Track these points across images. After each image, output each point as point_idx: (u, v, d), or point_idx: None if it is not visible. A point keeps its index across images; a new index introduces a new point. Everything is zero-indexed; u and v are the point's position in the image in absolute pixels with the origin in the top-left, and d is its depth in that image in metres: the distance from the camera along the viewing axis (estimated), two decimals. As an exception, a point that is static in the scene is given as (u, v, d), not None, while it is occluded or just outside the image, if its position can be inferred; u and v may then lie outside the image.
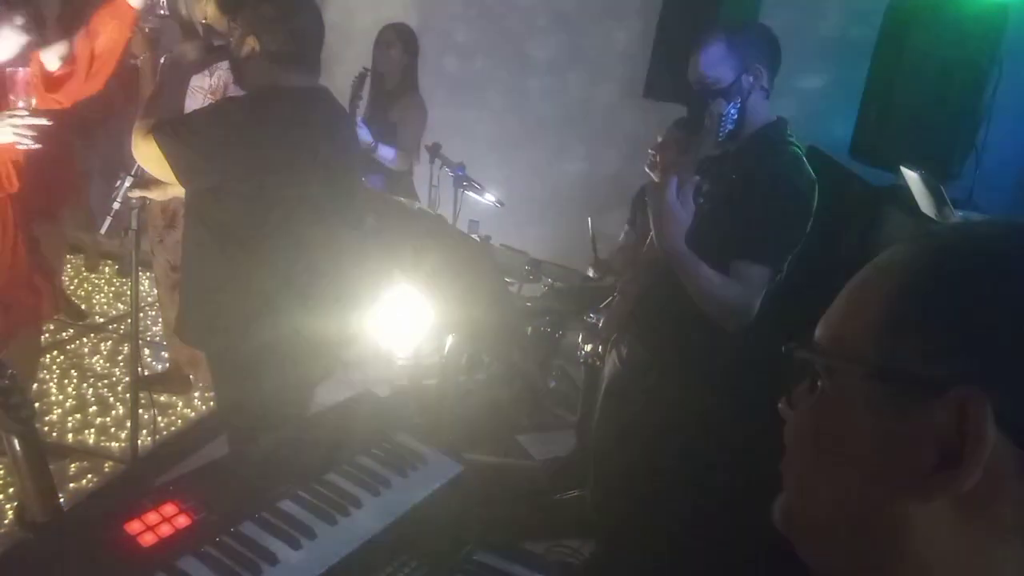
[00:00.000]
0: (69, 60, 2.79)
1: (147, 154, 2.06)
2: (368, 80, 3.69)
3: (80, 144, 4.14)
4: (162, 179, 2.17)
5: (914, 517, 0.53)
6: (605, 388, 2.35)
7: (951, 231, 0.59)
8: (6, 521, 2.73)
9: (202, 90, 3.13)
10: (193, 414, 3.55)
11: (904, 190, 3.08)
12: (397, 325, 4.13)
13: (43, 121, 2.59)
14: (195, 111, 2.24)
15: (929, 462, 0.51)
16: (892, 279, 0.56)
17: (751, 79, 2.01)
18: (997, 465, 0.49)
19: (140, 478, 2.85)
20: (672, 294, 2.00)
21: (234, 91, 2.61)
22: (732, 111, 1.95)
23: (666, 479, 2.10)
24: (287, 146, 2.09)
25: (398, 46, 3.77)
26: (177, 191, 2.48)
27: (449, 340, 2.84)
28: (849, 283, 0.61)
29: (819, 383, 0.60)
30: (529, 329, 3.51)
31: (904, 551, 0.53)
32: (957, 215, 2.73)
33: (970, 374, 0.50)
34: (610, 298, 2.40)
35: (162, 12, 3.19)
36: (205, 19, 2.93)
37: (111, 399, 3.56)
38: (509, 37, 4.65)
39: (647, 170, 3.30)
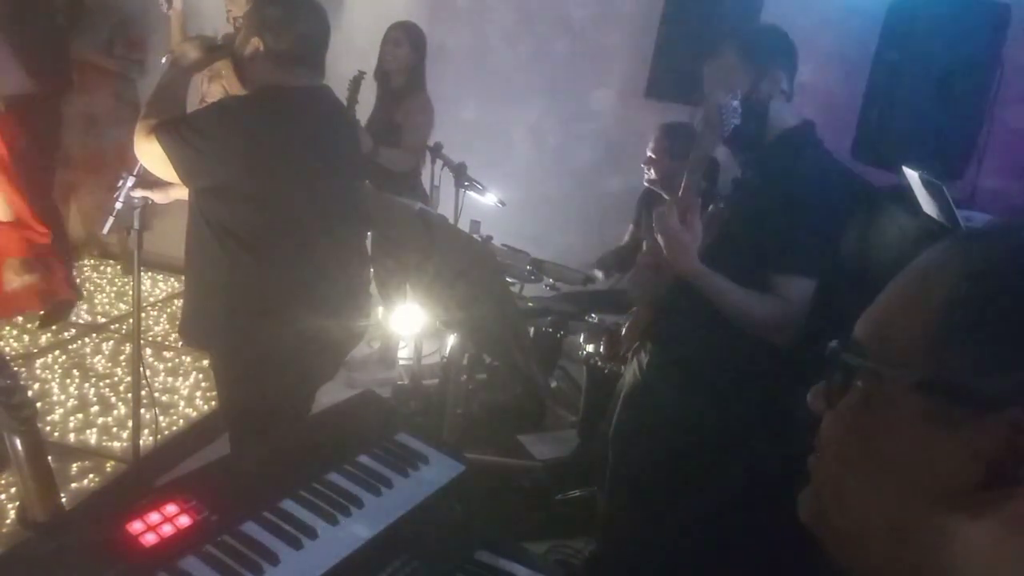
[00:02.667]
0: None
1: (150, 153, 2.06)
2: (362, 83, 3.67)
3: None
4: (165, 179, 2.17)
5: (955, 529, 0.51)
6: (624, 395, 2.32)
7: (1004, 233, 0.56)
8: (8, 521, 2.73)
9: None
10: (195, 414, 3.56)
11: (906, 190, 3.07)
12: (398, 325, 4.13)
13: None
14: (198, 110, 2.24)
15: (976, 478, 0.49)
16: (945, 284, 0.53)
17: (768, 85, 1.92)
18: None
19: (142, 478, 2.85)
20: (691, 304, 1.96)
21: None
22: (733, 103, 1.84)
23: (683, 486, 2.09)
24: (290, 146, 2.09)
25: (406, 45, 3.74)
26: (179, 193, 2.48)
27: (450, 340, 2.84)
28: (895, 282, 0.58)
29: (857, 383, 0.57)
30: (531, 329, 3.51)
31: (942, 562, 0.52)
32: (960, 215, 2.73)
33: None
34: (634, 307, 2.38)
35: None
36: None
37: (113, 399, 3.56)
38: (509, 37, 4.65)
39: (644, 174, 3.30)
